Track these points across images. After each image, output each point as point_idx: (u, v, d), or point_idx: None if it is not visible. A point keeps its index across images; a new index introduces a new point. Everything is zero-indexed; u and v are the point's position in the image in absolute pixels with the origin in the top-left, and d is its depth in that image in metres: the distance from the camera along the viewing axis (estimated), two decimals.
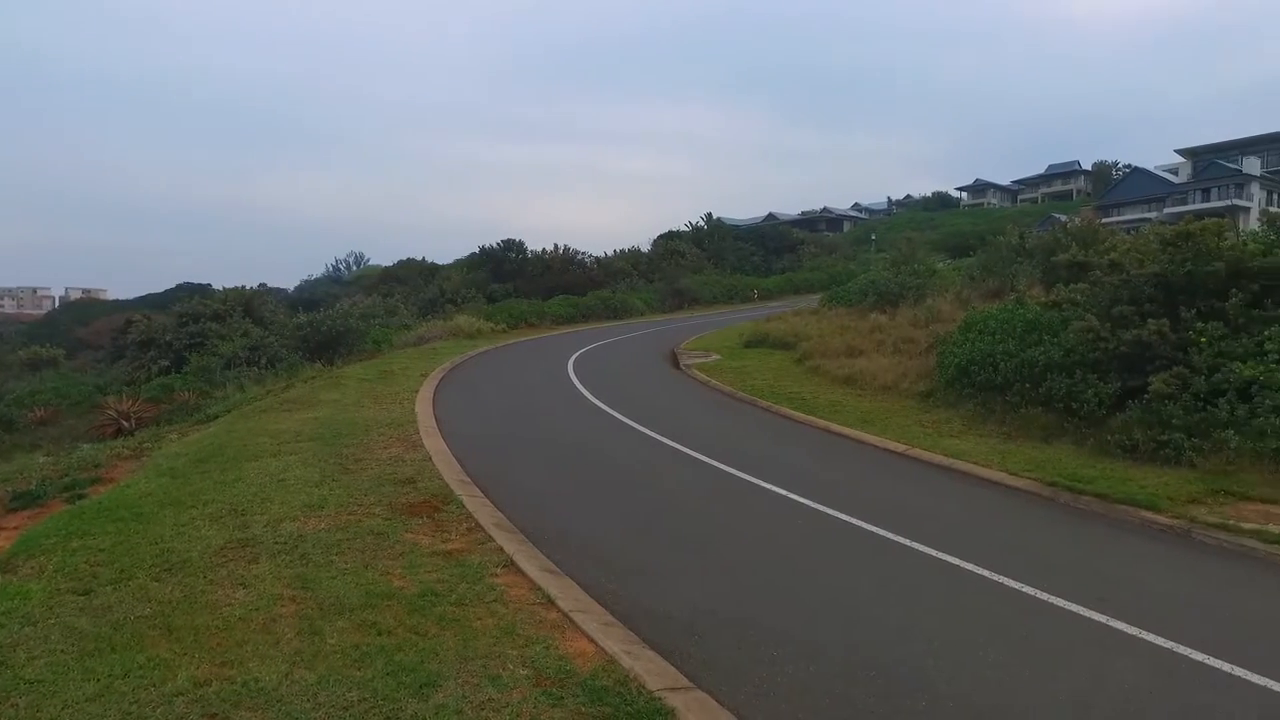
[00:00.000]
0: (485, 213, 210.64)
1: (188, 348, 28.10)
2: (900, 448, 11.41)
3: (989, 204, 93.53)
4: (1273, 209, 40.84)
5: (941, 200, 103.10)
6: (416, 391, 16.26)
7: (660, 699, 4.36)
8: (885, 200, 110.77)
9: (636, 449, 11.65)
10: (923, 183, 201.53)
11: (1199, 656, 5.08)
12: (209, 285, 55.24)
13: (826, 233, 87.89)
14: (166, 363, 28.24)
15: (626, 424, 13.30)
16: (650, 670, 4.73)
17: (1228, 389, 9.92)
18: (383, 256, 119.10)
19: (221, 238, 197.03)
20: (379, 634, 5.08)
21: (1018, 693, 4.66)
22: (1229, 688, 4.73)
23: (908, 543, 7.30)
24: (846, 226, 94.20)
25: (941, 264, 38.10)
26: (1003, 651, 5.18)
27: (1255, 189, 58.37)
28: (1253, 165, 62.64)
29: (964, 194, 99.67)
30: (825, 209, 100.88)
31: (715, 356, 22.32)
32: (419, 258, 61.96)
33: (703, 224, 67.64)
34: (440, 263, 61.70)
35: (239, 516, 7.61)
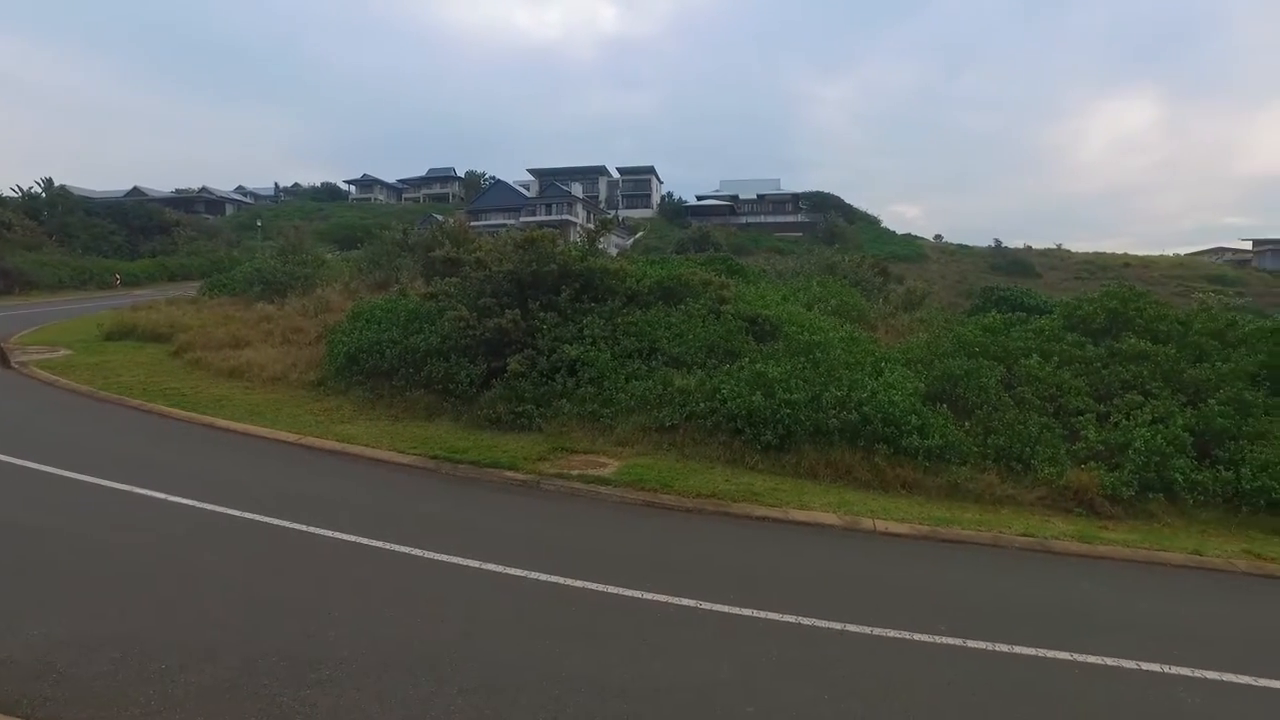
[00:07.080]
0: None
1: None
2: (293, 438, 11.23)
3: (376, 199, 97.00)
4: (589, 225, 51.66)
5: (331, 191, 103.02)
6: None
7: None
8: (273, 186, 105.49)
9: None
10: (312, 172, 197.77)
11: (537, 575, 6.37)
12: None
13: (206, 215, 79.69)
14: None
15: None
16: None
17: (562, 366, 12.43)
18: None
19: None
20: None
21: (409, 639, 5.10)
22: (549, 592, 6.05)
23: (306, 528, 7.27)
24: (230, 210, 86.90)
25: (330, 255, 38.30)
26: (396, 607, 5.64)
27: (579, 208, 73.56)
28: (578, 189, 79.17)
29: (352, 187, 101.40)
30: (205, 189, 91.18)
31: (66, 351, 18.38)
32: None
33: (40, 191, 54.71)
34: None
35: None
